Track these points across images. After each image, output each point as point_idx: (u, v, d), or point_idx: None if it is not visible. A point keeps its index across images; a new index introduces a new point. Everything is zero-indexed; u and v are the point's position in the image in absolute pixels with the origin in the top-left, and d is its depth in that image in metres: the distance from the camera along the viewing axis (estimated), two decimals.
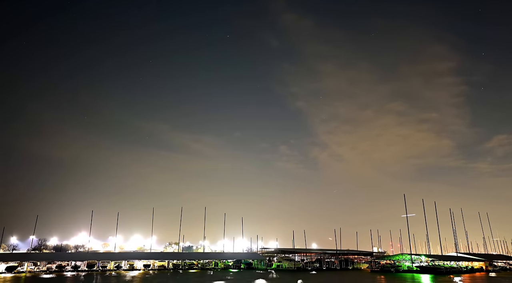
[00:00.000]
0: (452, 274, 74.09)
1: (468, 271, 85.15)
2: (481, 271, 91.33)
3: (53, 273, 70.85)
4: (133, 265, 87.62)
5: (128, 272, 75.86)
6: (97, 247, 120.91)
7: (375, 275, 69.07)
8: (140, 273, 69.11)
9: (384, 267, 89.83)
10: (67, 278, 55.92)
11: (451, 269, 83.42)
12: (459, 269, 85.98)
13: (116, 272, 73.86)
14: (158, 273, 72.12)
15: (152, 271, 78.60)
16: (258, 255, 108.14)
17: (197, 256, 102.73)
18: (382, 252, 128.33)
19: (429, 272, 76.94)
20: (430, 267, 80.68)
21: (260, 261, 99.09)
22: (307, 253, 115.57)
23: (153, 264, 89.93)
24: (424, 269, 79.71)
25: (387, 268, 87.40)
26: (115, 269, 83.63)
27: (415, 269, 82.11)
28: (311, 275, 65.55)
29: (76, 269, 79.98)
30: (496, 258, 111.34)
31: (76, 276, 60.32)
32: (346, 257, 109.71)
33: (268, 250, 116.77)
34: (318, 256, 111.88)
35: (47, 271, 77.25)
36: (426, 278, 60.18)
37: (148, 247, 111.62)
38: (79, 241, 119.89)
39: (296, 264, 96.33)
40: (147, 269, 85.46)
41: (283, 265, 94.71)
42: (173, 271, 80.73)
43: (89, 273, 71.56)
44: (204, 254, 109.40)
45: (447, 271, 78.42)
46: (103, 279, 53.65)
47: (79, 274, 66.34)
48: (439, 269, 78.57)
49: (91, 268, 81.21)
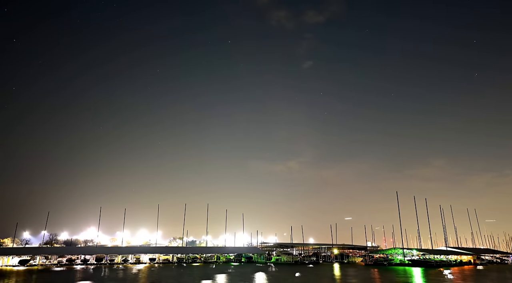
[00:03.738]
0: (442, 267, 74.12)
1: (457, 264, 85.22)
2: (469, 264, 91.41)
3: (63, 266, 70.87)
4: (139, 259, 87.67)
5: (134, 265, 75.90)
6: (105, 241, 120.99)
7: (369, 268, 69.07)
8: (146, 267, 69.14)
9: (377, 260, 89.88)
10: (77, 271, 55.93)
11: (441, 262, 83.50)
12: (449, 263, 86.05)
13: (123, 266, 73.90)
14: (163, 266, 72.14)
15: (158, 265, 78.63)
16: (258, 249, 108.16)
17: (200, 250, 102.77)
18: (375, 246, 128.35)
19: (420, 265, 77.00)
20: (421, 261, 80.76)
21: (260, 255, 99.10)
22: (304, 247, 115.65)
23: (158, 258, 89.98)
24: (416, 262, 79.77)
25: (380, 262, 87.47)
26: (122, 263, 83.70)
27: (407, 262, 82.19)
28: (308, 268, 65.57)
29: (85, 263, 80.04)
30: (484, 252, 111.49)
31: (85, 269, 60.32)
32: (342, 251, 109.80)
33: (268, 244, 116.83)
34: (315, 250, 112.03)
35: (58, 264, 77.35)
36: (417, 271, 60.21)
37: (154, 242, 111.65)
38: (88, 236, 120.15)
39: (294, 258, 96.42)
40: (153, 263, 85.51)
41: (281, 258, 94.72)
42: (177, 264, 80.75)
43: (98, 266, 71.58)
44: (207, 248, 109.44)
45: (437, 264, 78.46)
46: (111, 272, 53.67)
47: (88, 267, 66.34)
48: (430, 263, 78.63)
49: (99, 262, 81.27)
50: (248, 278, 41.99)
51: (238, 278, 42.74)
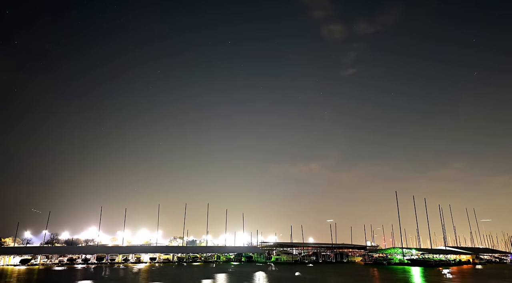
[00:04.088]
0: (441, 266, 73.96)
1: (456, 264, 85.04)
2: (468, 263, 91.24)
3: (64, 266, 70.75)
4: (140, 258, 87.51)
5: (135, 264, 75.75)
6: (106, 241, 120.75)
7: (369, 268, 68.95)
8: (146, 266, 68.99)
9: (377, 260, 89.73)
10: (78, 270, 55.79)
11: (440, 261, 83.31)
12: (448, 262, 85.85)
13: (124, 265, 73.75)
14: (163, 265, 72.00)
15: (158, 264, 78.48)
16: (258, 249, 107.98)
17: (200, 250, 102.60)
18: (375, 246, 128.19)
19: (419, 264, 76.84)
20: (420, 260, 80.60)
21: (260, 255, 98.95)
22: (304, 247, 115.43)
23: (158, 257, 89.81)
24: (415, 262, 79.62)
25: (379, 261, 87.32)
26: (123, 262, 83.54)
27: (406, 262, 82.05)
28: (308, 268, 65.43)
29: (86, 262, 79.90)
30: (482, 252, 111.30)
31: (86, 269, 60.18)
32: (341, 251, 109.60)
33: (268, 244, 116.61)
34: (314, 250, 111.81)
35: (59, 263, 77.19)
36: (416, 270, 60.06)
37: (154, 241, 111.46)
38: (89, 235, 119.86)
39: (294, 257, 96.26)
40: (153, 262, 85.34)
41: (281, 258, 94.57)
42: (178, 264, 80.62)
43: (99, 265, 71.43)
44: (207, 248, 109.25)
45: (436, 264, 78.29)
46: (112, 271, 53.53)
47: (89, 267, 66.20)
48: (429, 262, 78.47)
49: (100, 261, 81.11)
50: (248, 277, 41.84)
51: (238, 277, 42.60)
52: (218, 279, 38.82)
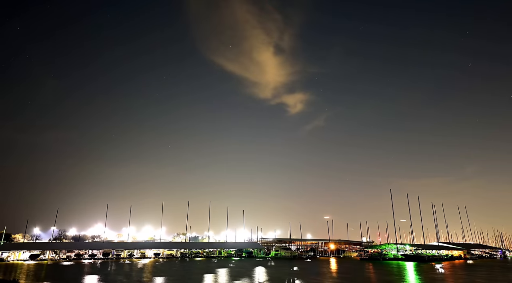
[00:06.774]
0: (434, 261, 74.15)
1: (448, 259, 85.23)
2: (459, 259, 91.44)
3: (72, 261, 71.01)
4: (145, 254, 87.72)
5: (140, 260, 75.99)
6: (112, 237, 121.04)
7: (364, 263, 69.13)
8: (150, 261, 69.22)
9: (372, 255, 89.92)
10: (85, 265, 56.04)
11: (433, 257, 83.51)
12: (440, 257, 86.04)
13: (129, 260, 73.99)
14: (167, 261, 72.22)
15: (162, 259, 78.69)
16: (258, 245, 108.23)
17: (202, 246, 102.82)
18: (370, 241, 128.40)
19: (413, 259, 77.06)
20: (414, 255, 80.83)
21: (259, 250, 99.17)
22: (302, 243, 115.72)
23: (162, 252, 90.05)
24: (408, 257, 79.85)
25: (375, 256, 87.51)
26: (128, 257, 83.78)
27: (400, 257, 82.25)
28: (305, 263, 65.67)
29: (93, 257, 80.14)
30: (474, 247, 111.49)
31: (93, 263, 60.44)
32: (338, 246, 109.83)
33: (267, 240, 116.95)
34: (312, 245, 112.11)
35: (66, 258, 77.43)
36: (410, 265, 60.30)
37: (158, 237, 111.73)
38: (95, 231, 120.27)
39: (292, 253, 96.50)
40: (157, 257, 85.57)
41: (280, 253, 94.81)
42: (181, 259, 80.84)
43: (105, 261, 71.66)
44: (209, 243, 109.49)
45: (429, 259, 78.49)
46: (118, 266, 53.79)
47: (96, 262, 66.44)
48: (422, 257, 78.71)
49: (106, 256, 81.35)
50: (248, 271, 42.09)
51: (239, 271, 42.84)
52: (219, 274, 39.06)
